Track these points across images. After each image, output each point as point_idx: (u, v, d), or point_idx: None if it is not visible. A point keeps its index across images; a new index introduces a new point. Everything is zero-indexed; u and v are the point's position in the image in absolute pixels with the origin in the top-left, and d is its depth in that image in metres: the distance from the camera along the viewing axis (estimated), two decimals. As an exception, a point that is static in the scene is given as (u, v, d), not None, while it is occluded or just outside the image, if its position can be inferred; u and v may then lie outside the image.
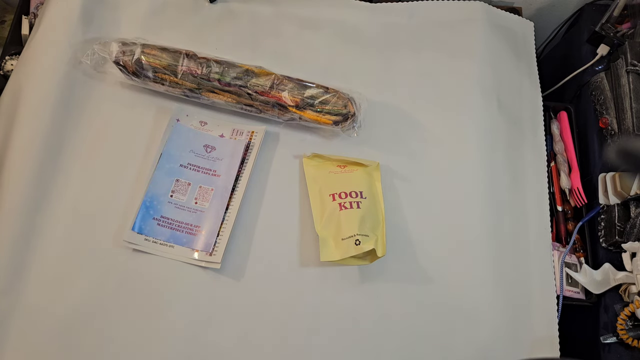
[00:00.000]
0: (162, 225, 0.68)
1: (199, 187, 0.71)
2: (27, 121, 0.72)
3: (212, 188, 0.71)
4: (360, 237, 0.67)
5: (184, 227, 0.69)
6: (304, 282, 0.70)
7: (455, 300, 0.71)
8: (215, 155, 0.73)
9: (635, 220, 0.72)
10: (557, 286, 0.75)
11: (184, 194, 0.70)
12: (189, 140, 0.73)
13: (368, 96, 0.77)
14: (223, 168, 0.72)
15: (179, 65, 0.72)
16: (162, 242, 0.68)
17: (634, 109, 0.77)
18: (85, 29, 0.79)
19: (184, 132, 0.74)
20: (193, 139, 0.74)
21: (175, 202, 0.70)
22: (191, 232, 0.69)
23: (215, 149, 0.73)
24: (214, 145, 0.74)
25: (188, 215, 0.69)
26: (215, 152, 0.73)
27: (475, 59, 0.86)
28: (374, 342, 0.68)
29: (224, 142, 0.74)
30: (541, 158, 0.83)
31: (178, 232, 0.68)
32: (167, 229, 0.68)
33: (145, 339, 0.65)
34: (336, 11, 0.89)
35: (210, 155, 0.73)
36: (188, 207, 0.70)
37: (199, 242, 0.68)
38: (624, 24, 0.88)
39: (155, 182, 0.70)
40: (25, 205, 0.68)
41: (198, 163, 0.72)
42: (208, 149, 0.73)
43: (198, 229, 0.69)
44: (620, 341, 0.69)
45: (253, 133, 0.76)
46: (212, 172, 0.72)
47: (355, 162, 0.75)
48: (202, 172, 0.72)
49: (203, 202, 0.70)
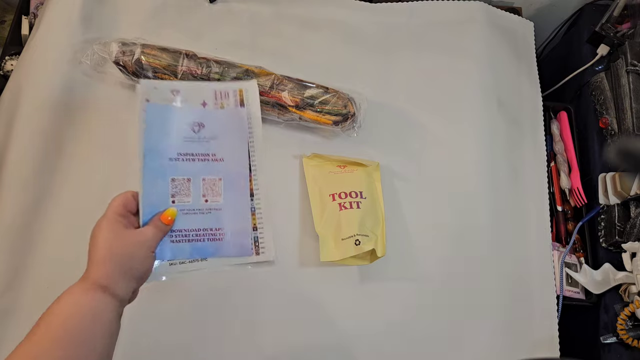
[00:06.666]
0: (177, 241, 0.54)
1: (201, 180, 0.56)
2: (27, 121, 0.72)
3: (220, 177, 0.57)
4: (360, 237, 0.67)
5: (203, 234, 0.55)
6: (304, 282, 0.70)
7: (455, 300, 0.71)
8: (206, 133, 0.57)
9: (635, 220, 0.72)
10: (557, 286, 0.75)
11: (186, 194, 0.55)
12: (168, 123, 0.56)
13: (368, 96, 0.77)
14: (223, 148, 0.58)
15: (179, 65, 0.72)
16: (190, 261, 0.55)
17: (634, 109, 0.77)
18: (85, 29, 0.79)
19: (160, 112, 0.56)
20: (173, 120, 0.57)
21: (182, 208, 0.54)
22: (214, 237, 0.56)
23: (203, 125, 0.57)
24: (200, 121, 0.58)
25: (203, 219, 0.55)
26: (204, 129, 0.57)
27: (475, 59, 0.86)
28: (373, 341, 0.68)
29: (211, 114, 0.58)
30: (541, 158, 0.83)
31: (199, 242, 0.55)
32: (185, 243, 0.55)
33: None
34: (336, 11, 0.89)
35: (201, 136, 0.57)
36: (199, 210, 0.55)
37: (228, 248, 0.56)
38: (624, 24, 0.88)
39: (147, 190, 0.53)
40: (25, 206, 0.68)
41: (190, 149, 0.57)
42: (195, 128, 0.57)
43: (221, 231, 0.56)
44: (620, 341, 0.69)
45: (241, 91, 0.60)
46: (212, 156, 0.57)
47: (355, 162, 0.75)
48: (198, 160, 0.57)
49: (215, 198, 0.56)
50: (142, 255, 0.47)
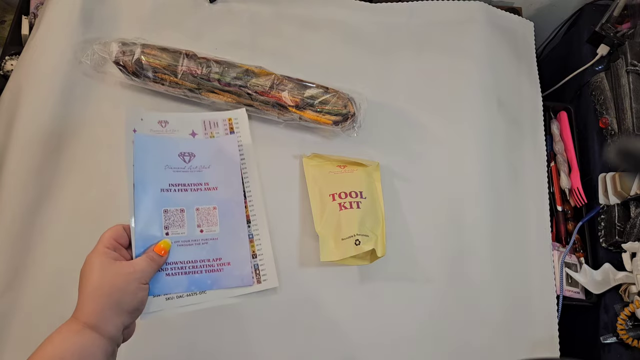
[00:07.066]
0: (173, 274, 0.51)
1: (195, 210, 0.54)
2: (27, 121, 0.72)
3: (214, 206, 0.55)
4: (360, 237, 0.67)
5: (200, 266, 0.53)
6: (303, 282, 0.70)
7: (455, 300, 0.71)
8: (197, 163, 0.56)
9: (635, 220, 0.72)
10: (557, 286, 0.75)
11: (181, 225, 0.53)
12: (158, 153, 0.55)
13: (368, 96, 0.77)
14: (216, 177, 0.57)
15: (179, 65, 0.72)
16: (189, 294, 0.52)
17: (634, 109, 0.77)
18: (85, 29, 0.79)
19: (148, 144, 0.55)
20: (162, 150, 0.56)
21: (176, 240, 0.53)
22: (212, 268, 0.53)
23: (194, 155, 0.56)
24: (191, 151, 0.57)
25: (199, 250, 0.53)
26: (195, 159, 0.56)
27: (475, 59, 0.86)
28: (373, 342, 0.68)
29: (201, 143, 0.58)
30: (541, 158, 0.83)
31: (195, 274, 0.52)
32: (181, 275, 0.52)
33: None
34: (336, 11, 0.89)
35: (192, 165, 0.56)
36: (194, 240, 0.54)
37: (227, 279, 0.53)
38: (624, 24, 0.88)
39: (140, 223, 0.51)
40: (25, 206, 0.68)
41: (182, 180, 0.55)
42: (186, 158, 0.56)
43: (219, 262, 0.54)
44: (620, 341, 0.69)
45: (231, 120, 0.60)
46: (205, 185, 0.56)
47: (355, 162, 0.75)
48: (191, 190, 0.55)
49: (211, 227, 0.54)
50: (133, 288, 0.45)
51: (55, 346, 0.41)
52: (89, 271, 0.44)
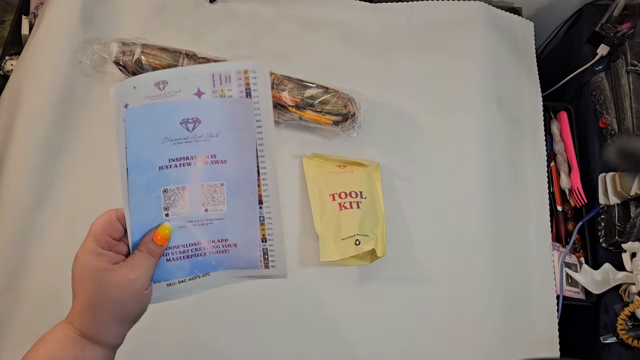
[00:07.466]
0: (174, 259, 0.47)
1: (200, 187, 0.47)
2: (27, 121, 0.72)
3: (222, 182, 0.47)
4: (360, 237, 0.67)
5: (203, 247, 0.48)
6: (303, 282, 0.70)
7: (455, 300, 0.71)
8: (203, 130, 0.46)
9: (635, 220, 0.72)
10: (557, 286, 0.75)
11: (183, 205, 0.47)
12: (154, 126, 0.45)
13: (368, 96, 0.77)
14: (226, 147, 0.47)
15: (179, 65, 0.72)
16: (191, 277, 0.48)
17: (634, 109, 0.77)
18: (85, 29, 0.80)
19: (142, 116, 0.45)
20: (159, 121, 0.45)
21: (177, 221, 0.47)
22: (217, 250, 0.48)
23: (199, 121, 0.46)
24: (195, 116, 0.46)
25: (203, 231, 0.47)
26: (201, 126, 0.46)
27: (475, 59, 0.86)
28: (373, 342, 0.68)
29: (208, 105, 0.46)
30: (541, 158, 0.83)
31: (199, 257, 0.48)
32: (183, 260, 0.47)
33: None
34: (336, 11, 0.89)
35: (197, 134, 0.46)
36: (198, 221, 0.47)
37: (232, 261, 0.49)
38: (624, 24, 0.88)
39: (135, 209, 0.45)
40: (25, 205, 0.68)
41: (184, 152, 0.46)
42: (189, 125, 0.46)
43: (225, 243, 0.48)
44: (620, 341, 0.69)
45: (247, 74, 0.46)
46: (211, 158, 0.47)
47: (355, 162, 0.75)
48: (195, 164, 0.47)
49: (217, 206, 0.47)
50: (135, 298, 0.41)
51: (51, 351, 0.39)
52: (83, 277, 0.40)
